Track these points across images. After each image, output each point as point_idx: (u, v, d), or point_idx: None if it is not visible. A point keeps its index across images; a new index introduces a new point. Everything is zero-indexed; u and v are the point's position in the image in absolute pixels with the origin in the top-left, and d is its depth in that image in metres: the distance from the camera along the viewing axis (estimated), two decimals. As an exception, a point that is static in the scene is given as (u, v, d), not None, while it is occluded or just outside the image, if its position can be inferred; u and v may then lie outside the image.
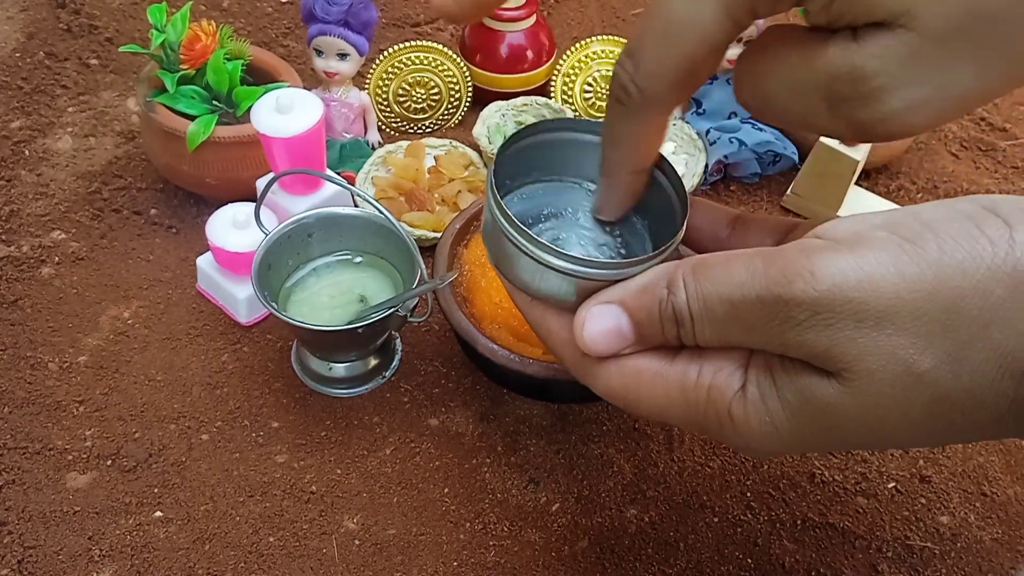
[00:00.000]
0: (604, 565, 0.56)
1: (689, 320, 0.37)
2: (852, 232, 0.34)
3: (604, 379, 0.40)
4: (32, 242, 0.72)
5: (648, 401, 0.39)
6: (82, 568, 0.55)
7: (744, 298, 0.35)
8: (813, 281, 0.33)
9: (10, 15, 0.91)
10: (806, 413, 0.35)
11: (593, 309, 0.39)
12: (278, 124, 0.63)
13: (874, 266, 0.33)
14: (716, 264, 0.36)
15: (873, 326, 0.33)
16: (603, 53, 0.82)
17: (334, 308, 0.62)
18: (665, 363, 0.39)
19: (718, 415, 0.37)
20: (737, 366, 0.37)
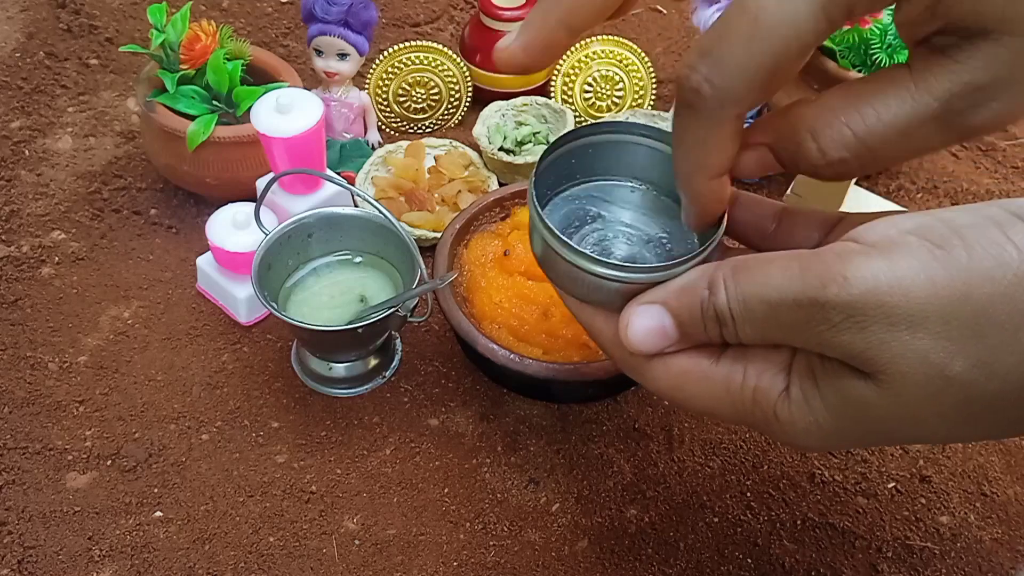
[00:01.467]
0: (604, 565, 0.56)
1: (730, 320, 0.38)
2: (885, 237, 0.35)
3: (652, 377, 0.42)
4: (32, 242, 0.72)
5: (695, 400, 0.41)
6: (82, 568, 0.55)
7: (782, 300, 0.36)
8: (847, 285, 0.34)
9: (10, 15, 0.91)
10: (847, 413, 0.37)
11: (637, 309, 0.41)
12: (278, 124, 0.63)
13: (905, 271, 0.34)
14: (755, 266, 0.37)
15: (905, 330, 0.34)
16: (603, 53, 0.82)
17: (334, 308, 0.62)
18: (710, 364, 0.40)
19: (763, 416, 0.39)
20: (780, 369, 0.39)
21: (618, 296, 0.42)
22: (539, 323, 0.61)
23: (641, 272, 0.41)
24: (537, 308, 0.62)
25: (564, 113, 0.78)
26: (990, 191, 0.79)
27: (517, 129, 0.79)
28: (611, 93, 0.83)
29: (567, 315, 0.61)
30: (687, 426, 0.62)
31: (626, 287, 0.41)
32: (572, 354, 0.60)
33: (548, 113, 0.80)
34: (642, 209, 0.47)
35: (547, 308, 0.62)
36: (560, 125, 0.78)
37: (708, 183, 0.41)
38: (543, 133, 0.79)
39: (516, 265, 0.63)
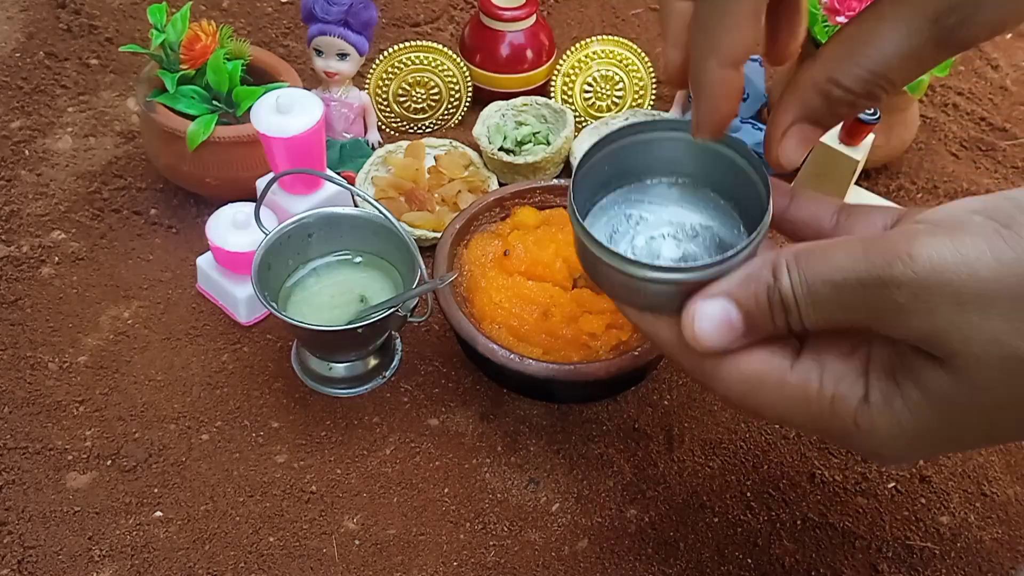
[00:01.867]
0: (604, 565, 0.56)
1: (795, 305, 0.37)
2: (950, 216, 0.35)
3: (724, 383, 0.41)
4: (32, 242, 0.72)
5: (769, 408, 0.40)
6: (82, 568, 0.55)
7: (846, 280, 0.36)
8: (911, 263, 0.34)
9: (10, 15, 0.91)
10: (928, 410, 0.36)
11: (701, 304, 0.40)
12: (278, 124, 0.63)
13: (971, 249, 0.33)
14: (818, 250, 0.37)
15: (974, 311, 0.33)
16: (603, 53, 0.82)
17: (334, 308, 0.62)
18: (785, 369, 0.39)
19: (844, 425, 0.38)
20: (858, 374, 0.38)
21: (679, 297, 0.41)
22: (539, 323, 0.61)
23: (697, 270, 0.40)
24: (537, 308, 0.62)
25: (564, 113, 0.78)
26: (990, 191, 0.78)
27: (517, 129, 0.79)
28: (611, 93, 0.83)
29: (567, 315, 0.61)
30: (687, 426, 0.62)
31: (685, 287, 0.40)
32: (572, 354, 0.60)
33: (548, 113, 0.80)
34: (682, 203, 0.46)
35: (547, 308, 0.62)
36: (560, 125, 0.78)
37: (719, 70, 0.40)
38: (543, 133, 0.79)
39: (516, 265, 0.63)
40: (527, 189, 0.68)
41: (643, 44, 0.84)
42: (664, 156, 0.46)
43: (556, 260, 0.63)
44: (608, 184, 0.47)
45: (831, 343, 0.39)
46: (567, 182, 0.69)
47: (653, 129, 0.45)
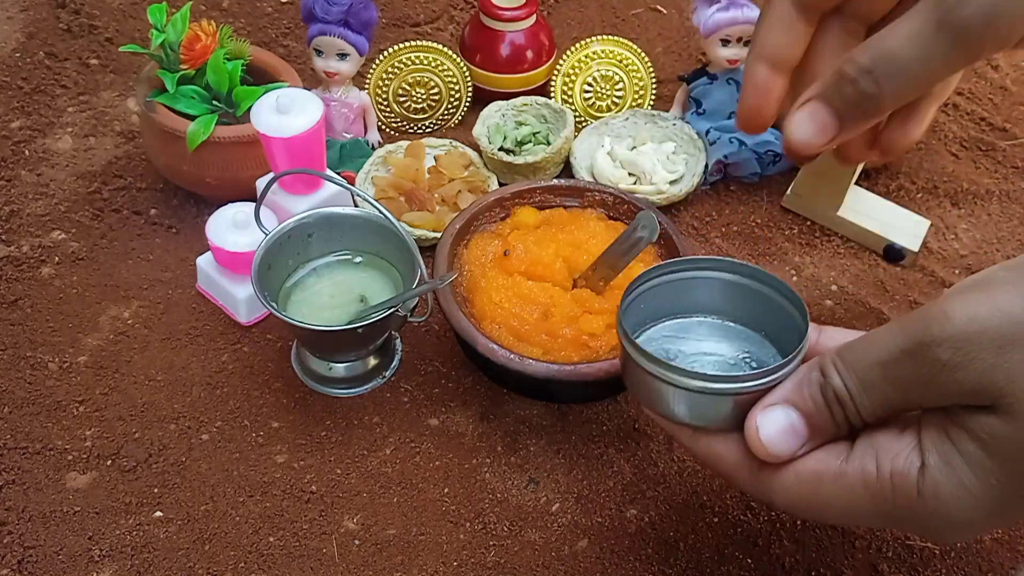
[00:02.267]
0: (604, 565, 0.56)
1: (849, 397, 0.39)
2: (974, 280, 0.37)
3: (784, 490, 0.41)
4: (32, 242, 0.72)
5: (834, 505, 0.40)
6: (82, 568, 0.55)
7: (891, 356, 0.37)
8: (948, 320, 0.36)
9: (10, 15, 0.91)
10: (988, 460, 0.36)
11: (762, 414, 0.41)
12: (278, 124, 0.63)
13: (1002, 297, 0.35)
14: (858, 341, 0.39)
15: (1013, 349, 0.35)
16: (603, 53, 0.82)
17: (334, 308, 0.62)
18: (841, 463, 0.40)
19: (908, 500, 0.38)
20: (912, 447, 0.38)
21: (733, 410, 0.43)
22: (539, 323, 0.61)
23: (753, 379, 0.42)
24: (537, 308, 0.62)
25: (564, 113, 0.78)
26: (990, 191, 0.79)
27: (517, 129, 0.79)
28: (611, 93, 0.83)
29: (567, 315, 0.61)
30: (687, 426, 0.62)
31: (740, 397, 0.42)
32: (572, 354, 0.60)
33: (548, 113, 0.80)
34: (716, 337, 0.49)
35: (547, 308, 0.62)
36: (560, 125, 0.78)
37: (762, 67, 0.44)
38: (543, 133, 0.79)
39: (516, 265, 0.63)
40: (527, 189, 0.68)
41: (643, 44, 0.84)
42: (697, 295, 0.49)
43: (556, 260, 0.63)
44: (644, 322, 0.50)
45: (883, 428, 0.40)
46: (567, 182, 0.69)
47: (689, 268, 0.49)
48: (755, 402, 0.42)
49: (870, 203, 0.75)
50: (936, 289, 0.72)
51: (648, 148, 0.78)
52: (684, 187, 0.75)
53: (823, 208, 0.75)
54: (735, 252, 0.74)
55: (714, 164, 0.77)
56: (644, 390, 0.45)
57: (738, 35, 0.75)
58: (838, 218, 0.75)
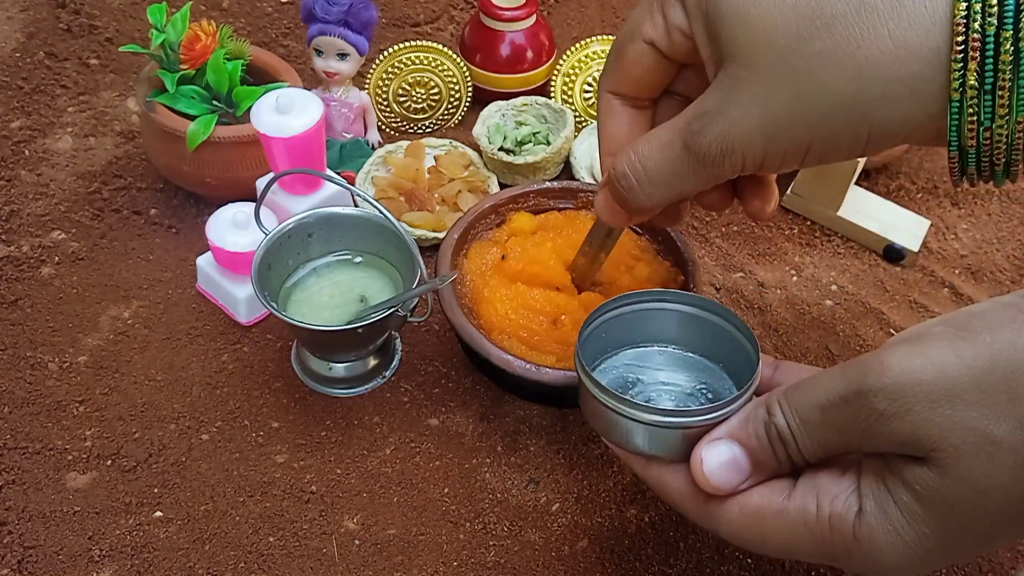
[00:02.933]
0: (604, 565, 0.56)
1: (791, 437, 0.40)
2: (913, 332, 0.39)
3: (728, 522, 0.43)
4: (32, 242, 0.72)
5: (774, 539, 0.42)
6: (82, 568, 0.55)
7: (830, 401, 0.38)
8: (884, 371, 0.37)
9: (10, 15, 0.91)
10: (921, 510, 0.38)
11: (708, 447, 0.43)
12: (278, 124, 0.63)
13: (934, 352, 0.36)
14: (803, 383, 0.41)
15: (946, 404, 0.36)
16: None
17: (334, 308, 0.62)
18: (784, 500, 0.41)
19: (845, 542, 0.39)
20: (851, 491, 0.40)
21: (683, 443, 0.44)
22: (549, 332, 0.61)
23: (700, 413, 0.43)
24: (545, 318, 0.61)
25: (564, 113, 0.78)
26: (990, 191, 0.79)
27: (517, 129, 0.79)
28: (611, 93, 0.82)
29: (577, 321, 0.60)
30: (687, 426, 0.62)
31: (689, 431, 0.44)
32: None
33: (548, 113, 0.80)
34: (675, 368, 0.51)
35: (555, 317, 0.61)
36: (560, 125, 0.78)
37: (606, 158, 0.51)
38: (543, 133, 0.79)
39: (514, 267, 0.63)
40: (521, 194, 0.68)
41: (643, 44, 0.84)
42: (655, 325, 0.51)
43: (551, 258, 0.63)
44: (606, 350, 0.51)
45: (824, 468, 0.41)
46: (560, 184, 0.69)
47: (648, 300, 0.51)
48: (703, 435, 0.43)
49: (870, 203, 0.75)
50: (936, 289, 0.72)
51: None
52: (684, 187, 0.75)
53: (823, 208, 0.75)
54: (735, 252, 0.74)
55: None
56: (599, 420, 0.47)
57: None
58: (838, 218, 0.75)
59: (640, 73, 0.48)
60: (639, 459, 0.46)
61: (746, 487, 0.42)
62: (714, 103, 0.42)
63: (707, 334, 0.50)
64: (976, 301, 0.70)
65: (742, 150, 0.42)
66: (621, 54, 0.48)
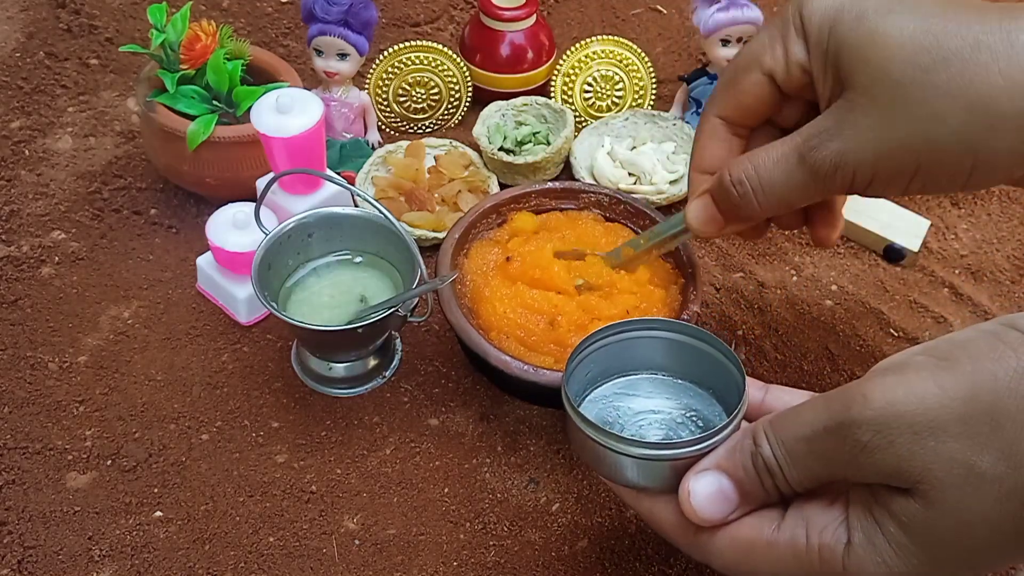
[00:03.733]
0: (604, 565, 0.56)
1: (778, 467, 0.41)
2: (895, 361, 0.39)
3: (719, 554, 0.43)
4: (32, 242, 0.72)
5: (766, 571, 0.42)
6: (82, 568, 0.55)
7: (815, 433, 0.39)
8: (867, 403, 0.37)
9: (10, 15, 0.91)
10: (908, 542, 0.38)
11: (695, 479, 0.43)
12: (278, 124, 0.63)
13: (916, 383, 0.37)
14: (789, 413, 0.41)
15: (929, 436, 0.36)
16: (603, 53, 0.82)
17: (334, 308, 0.62)
18: (773, 531, 0.41)
19: (834, 573, 0.40)
20: (840, 522, 0.40)
21: (671, 474, 0.44)
22: (546, 333, 0.61)
23: (686, 445, 0.43)
24: (543, 318, 0.61)
25: (564, 113, 0.78)
26: (990, 191, 0.79)
27: (517, 129, 0.79)
28: (611, 93, 0.83)
29: (575, 323, 0.60)
30: (687, 426, 0.62)
31: (677, 463, 0.44)
32: None
33: (548, 113, 0.80)
34: (664, 395, 0.51)
35: (553, 318, 0.61)
36: (560, 125, 0.78)
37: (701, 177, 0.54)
38: (543, 133, 0.79)
39: (517, 270, 0.62)
40: (522, 194, 0.68)
41: (643, 44, 0.84)
42: (644, 354, 0.51)
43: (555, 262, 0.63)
44: (595, 380, 0.52)
45: (812, 498, 0.42)
46: (562, 184, 0.69)
47: (635, 328, 0.51)
48: (691, 466, 0.43)
49: (870, 203, 0.75)
50: (936, 289, 0.72)
51: (648, 148, 0.78)
52: (684, 187, 0.75)
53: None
54: (735, 252, 0.74)
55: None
56: (588, 453, 0.47)
57: (738, 35, 0.75)
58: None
59: (751, 102, 0.51)
60: (629, 491, 0.46)
61: (735, 518, 0.42)
62: (831, 124, 0.45)
63: (695, 360, 0.50)
64: (976, 301, 0.70)
65: (854, 167, 0.45)
66: (736, 81, 0.51)
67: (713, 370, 0.49)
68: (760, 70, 0.50)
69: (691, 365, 0.50)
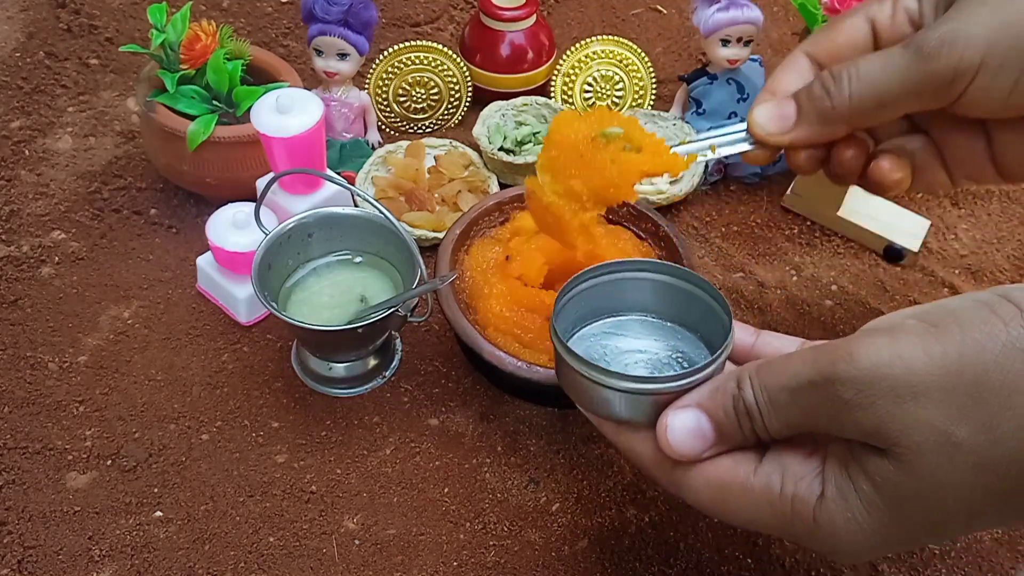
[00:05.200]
0: (604, 565, 0.56)
1: (758, 412, 0.41)
2: (887, 322, 0.39)
3: (693, 491, 0.43)
4: (32, 242, 0.72)
5: (738, 513, 0.43)
6: (82, 568, 0.55)
7: (799, 385, 0.39)
8: (853, 361, 0.37)
9: (10, 15, 0.91)
10: (879, 500, 0.38)
11: (674, 414, 0.43)
12: (278, 124, 0.63)
13: (905, 347, 0.37)
14: (776, 361, 0.41)
15: (910, 401, 0.36)
16: (603, 53, 0.82)
17: (334, 308, 0.62)
18: (749, 474, 0.42)
19: (805, 524, 0.40)
20: (815, 474, 0.41)
21: (653, 409, 0.44)
22: (543, 329, 0.61)
23: (669, 380, 0.43)
24: (539, 315, 0.61)
25: (564, 113, 0.78)
26: (990, 191, 0.79)
27: (517, 129, 0.79)
28: (611, 93, 0.83)
29: None
30: (687, 426, 0.62)
31: (659, 398, 0.44)
32: None
33: (548, 113, 0.80)
34: (651, 335, 0.51)
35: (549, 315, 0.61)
36: (560, 125, 0.78)
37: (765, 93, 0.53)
38: (543, 133, 0.79)
39: (517, 270, 0.63)
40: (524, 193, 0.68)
41: (643, 44, 0.84)
42: (633, 295, 0.51)
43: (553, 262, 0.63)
44: (584, 318, 0.51)
45: (791, 446, 0.42)
46: None
47: (623, 269, 0.50)
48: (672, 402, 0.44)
49: (870, 203, 0.75)
50: (936, 289, 0.72)
51: (648, 148, 0.78)
52: (684, 187, 0.75)
53: (823, 208, 0.75)
54: (735, 252, 0.74)
55: (714, 164, 0.77)
56: (572, 387, 0.47)
57: (738, 35, 0.75)
58: (838, 218, 0.75)
59: (843, 42, 0.51)
60: (611, 424, 0.47)
61: (709, 456, 0.43)
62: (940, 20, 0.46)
63: (683, 302, 0.50)
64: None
65: (963, 46, 0.44)
66: (837, 23, 0.52)
67: (702, 314, 0.49)
68: (864, 15, 0.51)
69: (680, 308, 0.50)
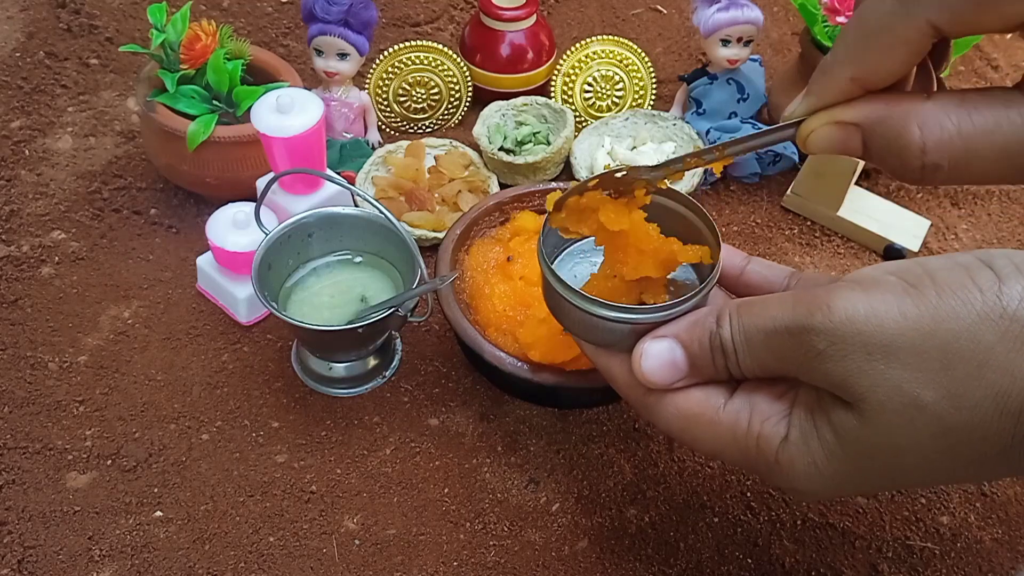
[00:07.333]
0: (604, 565, 0.56)
1: (733, 351, 0.42)
2: (868, 275, 0.39)
3: (663, 418, 0.44)
4: (32, 242, 0.72)
5: (703, 443, 0.44)
6: (82, 568, 0.55)
7: (776, 329, 0.40)
8: (829, 313, 0.38)
9: (10, 15, 0.91)
10: (839, 450, 0.39)
11: (649, 344, 0.44)
12: (278, 124, 0.63)
13: (880, 304, 0.37)
14: (757, 302, 0.42)
15: (881, 359, 0.37)
16: (603, 53, 0.82)
17: (334, 308, 0.62)
18: (718, 409, 0.43)
19: (766, 462, 0.41)
20: (782, 415, 0.41)
21: (632, 336, 0.45)
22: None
23: (649, 312, 0.44)
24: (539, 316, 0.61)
25: (564, 113, 0.78)
26: (990, 191, 0.79)
27: (517, 129, 0.79)
28: (611, 93, 0.83)
29: None
30: (687, 426, 0.62)
31: (637, 327, 0.44)
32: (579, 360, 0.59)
33: (548, 113, 0.80)
34: None
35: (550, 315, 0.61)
36: (560, 125, 0.78)
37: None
38: (543, 133, 0.79)
39: (518, 271, 0.62)
40: (526, 193, 0.68)
41: (643, 44, 0.84)
42: None
43: None
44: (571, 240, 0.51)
45: (762, 386, 0.43)
46: (566, 185, 0.69)
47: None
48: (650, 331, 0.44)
49: (870, 203, 0.75)
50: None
51: (648, 148, 0.78)
52: (684, 187, 0.75)
53: (823, 208, 0.75)
54: (735, 252, 0.74)
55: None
56: (556, 309, 0.48)
57: (738, 35, 0.75)
58: (838, 218, 0.75)
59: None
60: (591, 345, 0.47)
61: (680, 386, 0.44)
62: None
63: (677, 226, 0.49)
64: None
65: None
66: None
67: (691, 237, 0.49)
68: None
69: (670, 230, 0.49)
